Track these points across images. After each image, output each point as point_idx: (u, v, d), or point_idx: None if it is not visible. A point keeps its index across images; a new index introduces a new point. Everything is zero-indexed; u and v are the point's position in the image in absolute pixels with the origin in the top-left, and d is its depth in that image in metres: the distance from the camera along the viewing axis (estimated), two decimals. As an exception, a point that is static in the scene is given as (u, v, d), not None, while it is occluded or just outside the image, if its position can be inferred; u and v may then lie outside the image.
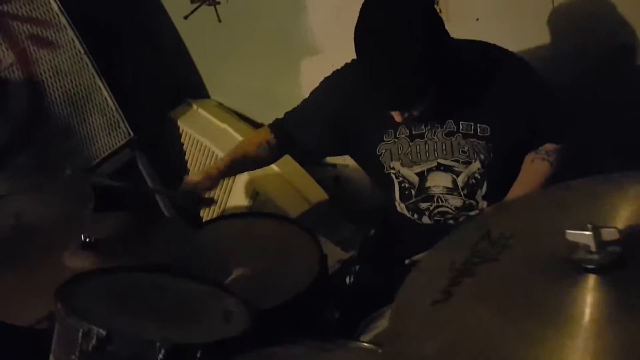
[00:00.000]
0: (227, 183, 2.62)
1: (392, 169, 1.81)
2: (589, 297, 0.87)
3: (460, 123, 1.74)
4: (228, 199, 2.63)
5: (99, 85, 2.50)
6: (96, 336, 1.21)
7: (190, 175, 1.83)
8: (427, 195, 1.79)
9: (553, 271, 0.88)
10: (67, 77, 2.43)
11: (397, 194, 1.83)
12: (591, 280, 0.89)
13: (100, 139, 2.51)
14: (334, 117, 1.83)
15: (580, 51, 2.16)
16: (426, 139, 1.76)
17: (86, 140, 2.47)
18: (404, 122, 1.70)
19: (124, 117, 2.55)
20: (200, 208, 2.38)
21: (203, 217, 2.79)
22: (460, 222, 1.79)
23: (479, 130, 1.73)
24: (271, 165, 2.54)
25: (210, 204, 2.00)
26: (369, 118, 1.80)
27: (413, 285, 0.96)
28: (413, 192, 1.80)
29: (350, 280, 2.06)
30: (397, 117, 1.67)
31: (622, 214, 0.96)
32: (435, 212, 1.80)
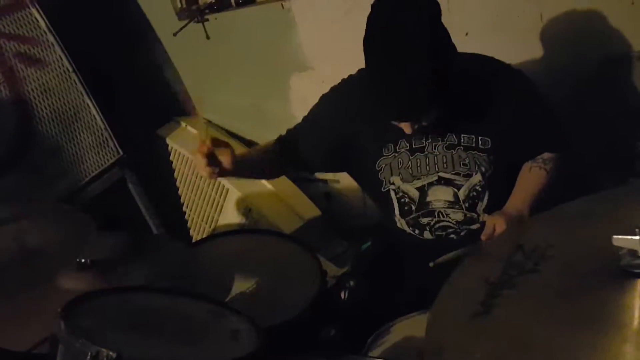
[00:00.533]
0: (218, 200, 2.60)
1: (392, 184, 1.80)
2: (639, 301, 0.86)
3: (462, 136, 1.74)
4: (219, 217, 2.60)
5: (88, 104, 2.47)
6: (106, 359, 1.18)
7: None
8: (428, 210, 1.78)
9: (598, 278, 0.87)
10: (55, 95, 2.40)
11: (397, 210, 1.82)
12: (640, 285, 0.88)
13: (89, 158, 2.47)
14: (333, 133, 1.82)
15: (569, 66, 2.19)
16: (427, 153, 1.76)
17: (75, 159, 2.43)
18: (413, 134, 1.69)
19: (112, 135, 2.51)
20: None
21: (193, 235, 2.76)
22: (462, 236, 1.79)
23: (480, 142, 1.74)
24: (263, 182, 2.54)
25: None
26: (368, 133, 1.79)
27: (446, 300, 0.94)
28: (413, 207, 1.79)
29: (345, 296, 2.04)
30: (406, 128, 1.65)
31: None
32: (436, 226, 1.79)
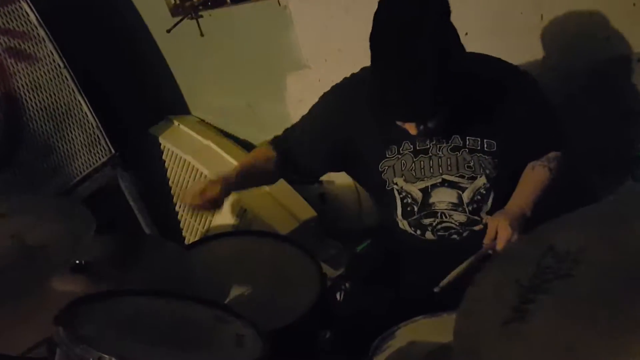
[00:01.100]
0: (211, 201, 2.55)
1: (395, 184, 1.77)
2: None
3: (467, 138, 1.72)
4: (213, 217, 2.56)
5: (79, 101, 2.41)
6: (108, 366, 1.14)
7: (199, 185, 1.71)
8: (431, 211, 1.76)
9: (638, 282, 0.84)
10: (46, 91, 2.34)
11: (399, 211, 1.79)
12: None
13: (81, 157, 2.42)
14: (334, 133, 1.79)
15: (569, 67, 2.18)
16: (431, 155, 1.74)
17: (66, 157, 2.38)
18: (418, 135, 1.66)
19: (104, 133, 2.46)
20: None
21: (185, 236, 2.71)
22: (464, 237, 1.76)
23: (485, 145, 1.71)
24: (259, 183, 2.50)
25: None
26: (371, 134, 1.76)
27: (474, 305, 0.91)
28: (416, 208, 1.77)
29: (341, 298, 2.01)
30: (411, 129, 1.63)
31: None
32: (438, 227, 1.77)
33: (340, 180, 2.59)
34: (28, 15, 2.31)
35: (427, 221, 1.77)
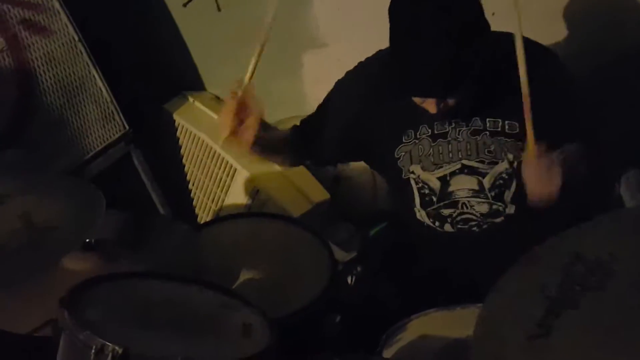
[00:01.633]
0: (225, 180, 2.53)
1: (412, 173, 1.72)
2: None
3: (487, 120, 1.65)
4: (226, 196, 2.53)
5: (94, 75, 2.37)
6: (111, 354, 1.11)
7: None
8: (451, 200, 1.70)
9: None
10: (60, 65, 2.30)
11: (417, 200, 1.74)
12: None
13: (94, 132, 2.39)
14: (350, 119, 1.75)
15: (599, 47, 2.10)
16: (449, 139, 1.68)
17: (79, 132, 2.35)
18: (436, 117, 1.60)
19: (118, 109, 2.42)
20: None
21: (198, 214, 2.69)
22: (484, 229, 1.71)
23: (507, 127, 1.65)
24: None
25: None
26: (387, 118, 1.72)
27: (496, 314, 0.86)
28: (434, 198, 1.71)
29: (352, 282, 1.99)
30: (431, 107, 1.57)
31: None
32: (458, 219, 1.71)
33: (355, 162, 2.55)
34: (43, -14, 2.28)
35: (446, 212, 1.72)
